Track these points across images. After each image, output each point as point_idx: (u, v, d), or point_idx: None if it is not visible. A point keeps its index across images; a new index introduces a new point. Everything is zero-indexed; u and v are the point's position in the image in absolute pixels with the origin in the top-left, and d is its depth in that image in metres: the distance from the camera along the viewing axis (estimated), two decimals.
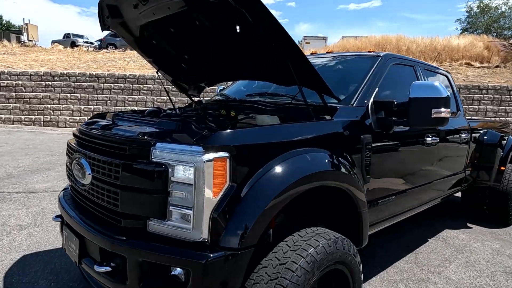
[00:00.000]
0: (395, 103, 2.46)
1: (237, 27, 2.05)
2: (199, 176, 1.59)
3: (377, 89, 2.64)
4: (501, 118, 13.30)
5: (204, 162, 1.59)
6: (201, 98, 3.68)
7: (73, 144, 2.22)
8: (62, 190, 2.56)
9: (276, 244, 1.83)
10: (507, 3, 30.70)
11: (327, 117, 2.21)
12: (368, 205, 2.32)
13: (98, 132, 2.01)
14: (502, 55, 19.96)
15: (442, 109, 2.30)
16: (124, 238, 1.71)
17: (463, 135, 3.88)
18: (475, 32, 29.31)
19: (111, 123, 2.15)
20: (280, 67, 2.24)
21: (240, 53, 2.45)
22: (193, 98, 3.59)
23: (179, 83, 3.32)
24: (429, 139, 3.10)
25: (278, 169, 1.76)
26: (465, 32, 30.47)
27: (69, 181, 2.31)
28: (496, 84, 14.01)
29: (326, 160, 1.99)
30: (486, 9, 30.98)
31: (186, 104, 3.59)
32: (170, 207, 1.66)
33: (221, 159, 1.62)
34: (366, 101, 2.51)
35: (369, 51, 3.17)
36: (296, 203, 1.94)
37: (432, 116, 2.31)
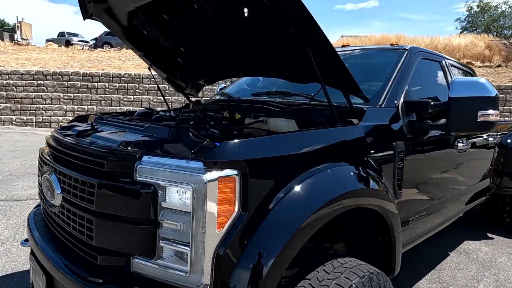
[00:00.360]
0: (432, 103, 2.06)
1: (245, 10, 1.65)
2: (198, 202, 1.19)
3: (406, 87, 2.25)
4: (505, 119, 12.98)
5: (205, 182, 1.18)
6: (200, 98, 3.28)
7: (44, 155, 1.81)
8: (35, 208, 2.15)
9: (295, 281, 1.43)
10: (507, 2, 30.43)
11: (354, 121, 1.82)
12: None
13: (71, 141, 1.60)
14: (504, 55, 19.70)
15: (491, 111, 1.91)
16: (100, 281, 1.30)
17: (491, 139, 3.50)
18: (475, 32, 29.03)
19: (89, 128, 1.75)
20: (296, 59, 1.85)
21: (247, 44, 2.05)
22: (190, 98, 3.19)
23: (174, 80, 2.91)
24: (461, 144, 2.71)
25: (302, 188, 1.36)
26: (465, 31, 30.18)
27: (40, 200, 1.90)
28: (501, 84, 13.69)
29: (359, 176, 1.59)
30: (486, 8, 30.70)
31: (183, 105, 3.18)
32: (161, 241, 1.25)
33: (228, 178, 1.22)
34: (396, 101, 2.12)
35: (391, 44, 2.78)
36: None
37: (478, 120, 1.92)
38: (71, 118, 13.17)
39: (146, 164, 1.28)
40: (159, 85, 8.29)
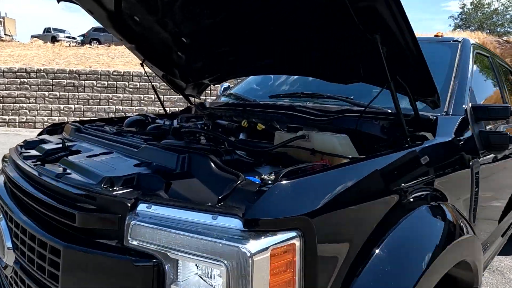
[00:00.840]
0: None
1: None
2: None
3: (470, 87, 1.79)
4: None
5: (249, 257, 0.69)
6: (202, 100, 2.77)
7: None
8: None
9: None
10: None
11: (427, 135, 1.33)
12: None
13: (30, 169, 1.09)
14: (499, 52, 19.60)
15: None
16: None
17: None
18: (469, 29, 28.90)
19: (60, 147, 1.23)
20: (346, 50, 1.36)
21: (274, 30, 1.54)
22: (190, 100, 2.67)
23: (172, 79, 2.39)
24: None
25: (391, 251, 0.87)
26: (458, 29, 30.02)
27: None
28: None
29: (452, 218, 1.11)
30: (479, 6, 30.57)
31: (183, 109, 2.67)
32: None
33: (285, 247, 0.72)
34: (464, 105, 1.65)
35: (436, 35, 2.32)
36: None
37: None
38: (57, 118, 12.38)
39: (144, 219, 0.78)
40: (152, 82, 7.71)
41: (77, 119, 11.79)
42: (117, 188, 0.86)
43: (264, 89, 2.64)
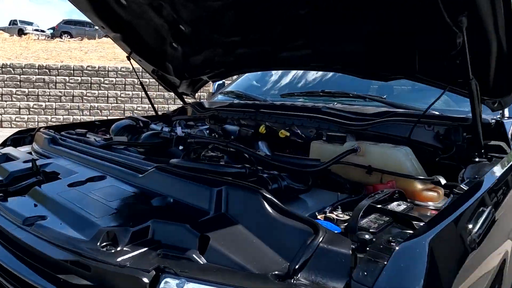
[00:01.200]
0: None
1: None
2: None
3: None
4: None
5: None
6: (196, 99, 2.44)
7: None
8: None
9: None
10: None
11: (503, 146, 1.08)
12: None
13: None
14: None
15: None
16: None
17: None
18: None
19: (30, 168, 0.90)
20: (404, 39, 1.09)
21: (305, 12, 1.24)
22: (184, 99, 2.33)
23: (164, 75, 2.06)
24: None
25: None
26: None
27: None
28: None
29: None
30: None
31: (176, 110, 2.32)
32: None
33: None
34: None
35: None
36: None
37: None
38: (26, 117, 11.60)
39: None
40: (140, 79, 7.18)
41: (49, 117, 11.08)
42: (124, 249, 0.54)
43: (267, 86, 2.35)
